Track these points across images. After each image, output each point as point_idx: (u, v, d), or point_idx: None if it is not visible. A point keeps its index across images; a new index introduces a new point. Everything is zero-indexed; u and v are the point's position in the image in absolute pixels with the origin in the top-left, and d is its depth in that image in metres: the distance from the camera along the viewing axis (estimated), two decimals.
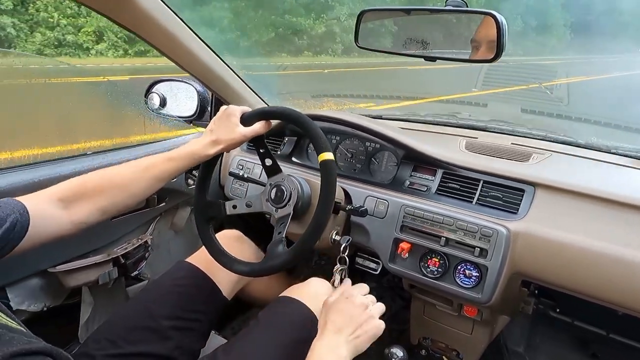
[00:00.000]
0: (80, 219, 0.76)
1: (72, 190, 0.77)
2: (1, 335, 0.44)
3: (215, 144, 0.92)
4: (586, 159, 1.12)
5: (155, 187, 0.87)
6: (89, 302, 1.18)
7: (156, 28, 1.05)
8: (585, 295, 0.90)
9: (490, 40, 0.90)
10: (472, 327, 1.16)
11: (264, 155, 0.99)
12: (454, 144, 1.19)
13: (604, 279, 0.86)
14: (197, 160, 0.91)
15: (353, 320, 0.79)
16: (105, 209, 0.80)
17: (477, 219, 0.97)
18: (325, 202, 0.87)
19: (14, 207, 0.68)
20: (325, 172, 0.88)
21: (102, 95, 1.43)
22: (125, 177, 0.83)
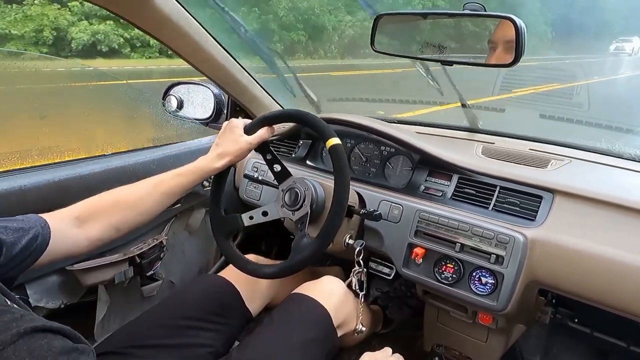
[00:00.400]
0: (95, 236, 0.79)
1: (86, 209, 0.79)
2: (23, 315, 0.46)
3: (222, 157, 0.93)
4: (607, 165, 1.09)
5: (165, 203, 0.89)
6: (105, 300, 1.20)
7: (175, 31, 1.07)
8: (605, 305, 0.88)
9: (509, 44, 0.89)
10: (487, 335, 1.14)
11: (271, 161, 1.00)
12: (470, 149, 1.18)
13: (625, 290, 0.83)
14: (206, 174, 0.93)
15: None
16: (118, 227, 0.82)
17: (493, 225, 0.96)
18: (342, 184, 0.87)
19: (36, 221, 0.71)
20: (335, 156, 0.88)
21: None
22: (135, 195, 0.85)
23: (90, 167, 1.07)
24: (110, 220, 0.80)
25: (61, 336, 0.46)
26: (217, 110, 1.48)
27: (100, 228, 0.79)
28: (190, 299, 0.99)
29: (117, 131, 1.47)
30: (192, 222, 1.42)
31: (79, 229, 0.76)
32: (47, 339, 0.44)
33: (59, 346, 0.44)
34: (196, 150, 1.33)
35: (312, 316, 0.91)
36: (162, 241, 1.27)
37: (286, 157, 1.36)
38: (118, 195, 0.84)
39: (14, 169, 1.00)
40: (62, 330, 0.47)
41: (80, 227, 0.77)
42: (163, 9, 1.00)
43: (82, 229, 0.77)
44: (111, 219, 0.80)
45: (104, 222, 0.80)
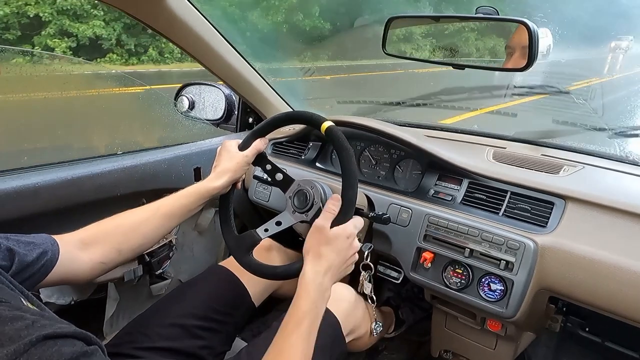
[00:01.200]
0: (98, 259, 0.79)
1: (90, 232, 0.80)
2: (34, 321, 0.46)
3: (221, 175, 0.94)
4: (620, 172, 1.07)
5: (167, 226, 0.89)
6: (115, 298, 1.21)
7: (187, 33, 1.08)
8: (617, 314, 0.86)
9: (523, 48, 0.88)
10: (495, 342, 1.13)
11: (272, 172, 1.00)
12: (481, 153, 1.17)
13: (638, 299, 0.82)
14: (207, 194, 0.92)
15: (345, 263, 0.80)
16: (120, 250, 0.82)
17: (503, 231, 0.95)
18: (348, 160, 0.85)
19: (46, 238, 0.73)
20: (333, 138, 0.88)
21: None
22: (137, 218, 0.86)
23: (102, 166, 1.09)
24: (113, 244, 0.81)
25: (72, 340, 0.47)
26: (228, 111, 1.49)
27: (103, 251, 0.79)
28: (196, 296, 0.99)
29: None
30: (201, 222, 1.43)
31: (83, 251, 0.77)
32: (57, 346, 0.45)
33: (69, 352, 0.45)
34: (207, 151, 1.34)
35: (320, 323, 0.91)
36: (171, 240, 1.28)
37: (295, 159, 1.36)
38: (120, 219, 0.84)
39: (27, 167, 1.01)
40: (73, 334, 0.47)
41: (84, 250, 0.78)
42: (175, 9, 1.01)
43: (86, 252, 0.78)
44: (114, 242, 0.81)
45: (107, 246, 0.80)
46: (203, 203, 0.93)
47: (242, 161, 0.96)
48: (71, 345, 0.46)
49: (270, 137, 1.41)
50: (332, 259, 0.77)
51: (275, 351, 0.70)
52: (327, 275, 0.76)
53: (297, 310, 0.72)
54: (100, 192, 1.08)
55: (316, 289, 0.74)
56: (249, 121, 1.52)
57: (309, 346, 0.71)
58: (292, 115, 0.98)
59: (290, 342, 0.69)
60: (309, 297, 0.73)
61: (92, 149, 1.16)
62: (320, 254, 0.77)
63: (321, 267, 0.76)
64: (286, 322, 0.72)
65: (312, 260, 0.77)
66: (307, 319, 0.71)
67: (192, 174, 1.30)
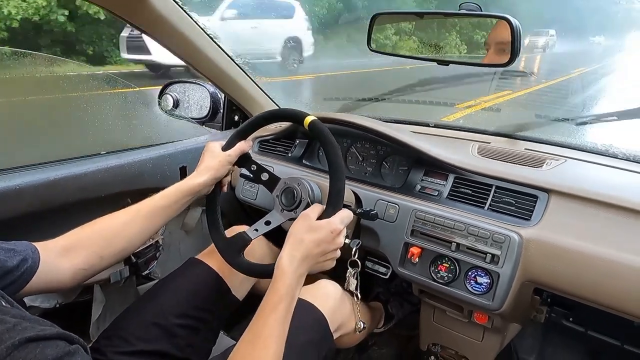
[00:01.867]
0: (79, 265, 0.77)
1: (71, 238, 0.79)
2: (16, 324, 0.46)
3: (203, 173, 0.93)
4: (601, 165, 1.10)
5: (151, 228, 0.88)
6: (101, 300, 1.20)
7: (170, 30, 1.07)
8: (600, 304, 0.88)
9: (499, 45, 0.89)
10: (482, 334, 1.15)
11: (257, 172, 0.99)
12: (466, 148, 1.18)
13: (620, 289, 0.84)
14: (189, 192, 0.91)
15: (324, 255, 0.80)
16: (102, 255, 0.81)
17: (488, 225, 0.96)
18: (334, 153, 0.86)
19: (27, 246, 0.71)
20: (317, 132, 0.88)
21: None
22: (118, 221, 0.84)
23: (86, 167, 1.07)
24: (94, 250, 0.79)
25: (54, 341, 0.46)
26: (213, 109, 1.48)
27: (84, 257, 0.78)
28: (175, 293, 0.98)
29: None
30: (188, 221, 1.41)
31: (63, 258, 0.76)
32: (40, 348, 0.44)
33: (52, 354, 0.45)
34: (192, 149, 1.33)
35: (307, 320, 0.91)
36: (158, 240, 1.27)
37: (282, 156, 1.35)
38: (101, 223, 0.83)
39: (9, 168, 0.99)
40: (56, 336, 0.47)
41: (65, 256, 0.76)
42: (159, 7, 1.00)
43: (67, 258, 0.76)
44: (95, 248, 0.80)
45: (88, 251, 0.79)
46: (186, 202, 0.92)
47: (225, 160, 0.95)
48: (54, 347, 0.45)
49: (256, 135, 1.41)
50: (311, 249, 0.77)
51: (252, 334, 0.70)
52: (303, 262, 0.76)
53: (274, 294, 0.73)
54: (85, 193, 1.07)
55: (292, 274, 0.74)
56: (234, 119, 1.51)
57: (284, 329, 0.72)
58: (274, 113, 0.98)
59: (267, 325, 0.70)
60: (285, 281, 0.74)
61: None
62: (301, 240, 0.78)
63: (298, 253, 0.76)
64: (263, 306, 0.73)
65: (290, 245, 0.78)
66: (283, 303, 0.72)
67: (178, 173, 1.28)
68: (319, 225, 0.80)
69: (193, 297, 0.97)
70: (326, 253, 0.80)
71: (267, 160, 1.34)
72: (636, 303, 0.83)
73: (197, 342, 0.94)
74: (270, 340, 0.69)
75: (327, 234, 0.79)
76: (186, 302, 0.96)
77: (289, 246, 0.78)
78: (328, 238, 0.79)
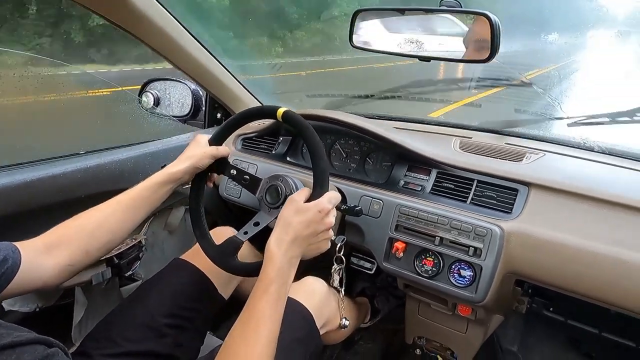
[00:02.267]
0: (64, 262, 0.76)
1: (54, 235, 0.77)
2: None
3: (183, 161, 0.93)
4: (579, 158, 1.13)
5: (133, 219, 0.87)
6: (82, 303, 1.18)
7: (151, 27, 1.05)
8: (579, 294, 0.90)
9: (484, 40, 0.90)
10: (466, 326, 1.17)
11: (238, 176, 0.99)
12: (448, 143, 1.19)
13: (598, 279, 0.86)
14: (168, 179, 0.90)
15: (315, 236, 0.80)
16: (87, 250, 0.79)
17: (471, 219, 0.98)
18: (312, 139, 0.86)
19: (7, 246, 0.69)
20: (291, 121, 0.89)
21: None
22: (100, 214, 0.83)
23: (64, 167, 1.04)
24: (79, 244, 0.78)
25: (31, 346, 0.45)
26: (195, 107, 1.46)
27: (69, 253, 0.76)
28: (161, 293, 0.97)
29: None
30: (171, 221, 1.40)
31: (47, 255, 0.74)
32: (16, 354, 0.43)
33: (30, 358, 0.44)
34: (175, 148, 1.31)
35: (294, 317, 0.91)
36: (140, 241, 1.25)
37: (266, 154, 1.35)
38: (84, 218, 0.81)
39: None
40: (33, 340, 0.46)
41: (48, 254, 0.74)
42: (138, 4, 0.98)
43: (51, 256, 0.74)
44: (79, 242, 0.78)
45: (72, 247, 0.77)
46: (167, 190, 0.91)
47: (208, 151, 0.95)
48: (32, 352, 0.45)
49: (239, 133, 1.40)
50: (300, 230, 0.77)
51: (245, 317, 0.71)
52: (293, 245, 0.76)
53: (264, 277, 0.74)
54: (63, 194, 1.04)
55: (282, 256, 0.75)
56: (217, 116, 1.50)
57: (277, 311, 0.73)
58: (245, 113, 0.98)
59: (258, 307, 0.71)
60: (274, 264, 0.74)
61: None
62: (289, 222, 0.78)
63: (287, 236, 0.77)
64: (254, 290, 0.73)
65: (279, 229, 0.78)
66: (274, 285, 0.73)
67: None
68: (307, 206, 0.80)
69: (179, 296, 0.97)
70: (317, 234, 0.80)
71: (251, 158, 1.33)
72: (614, 292, 0.85)
73: (185, 341, 0.94)
74: (261, 322, 0.70)
75: (315, 214, 0.79)
76: (173, 302, 0.95)
77: (278, 230, 0.78)
78: (317, 218, 0.79)
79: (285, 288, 0.75)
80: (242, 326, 0.71)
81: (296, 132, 0.89)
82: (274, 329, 0.71)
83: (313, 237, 0.79)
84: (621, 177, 1.04)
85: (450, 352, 1.26)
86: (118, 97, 1.31)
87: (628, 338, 1.12)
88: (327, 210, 0.81)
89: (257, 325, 0.70)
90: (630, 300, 0.84)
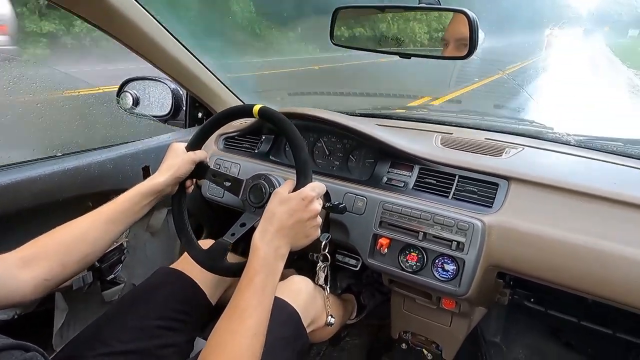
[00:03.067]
0: (41, 277, 0.73)
1: (30, 249, 0.75)
2: None
3: (164, 172, 0.92)
4: (556, 152, 1.15)
5: (113, 232, 0.85)
6: (63, 308, 1.15)
7: (126, 25, 1.03)
8: (558, 284, 0.93)
9: (463, 37, 0.91)
10: (450, 319, 1.18)
11: (219, 178, 0.98)
12: (430, 139, 1.21)
13: (575, 269, 0.89)
14: (151, 192, 0.89)
15: (300, 224, 0.79)
16: (65, 263, 0.77)
17: (453, 213, 0.99)
18: (292, 133, 0.86)
19: None
20: (268, 117, 0.89)
21: None
22: (79, 227, 0.81)
23: (40, 170, 1.02)
24: (56, 259, 0.75)
25: (7, 352, 0.44)
26: (176, 107, 1.44)
27: (46, 267, 0.74)
28: (150, 298, 0.96)
29: None
30: (153, 223, 1.38)
31: (23, 270, 0.72)
32: None
33: None
34: (155, 148, 1.29)
35: (281, 316, 0.91)
36: (122, 244, 1.23)
37: (249, 153, 1.34)
38: (61, 231, 0.79)
39: None
40: (9, 346, 0.45)
41: (24, 268, 0.72)
42: (114, 1, 0.96)
43: (27, 270, 0.72)
44: (57, 256, 0.76)
45: (50, 261, 0.75)
46: (149, 203, 0.89)
47: (188, 158, 0.94)
48: (8, 357, 0.44)
49: (221, 132, 1.39)
50: (284, 220, 0.77)
51: (230, 309, 0.71)
52: (277, 234, 0.76)
53: (250, 269, 0.73)
54: (41, 198, 1.02)
55: (266, 247, 0.75)
56: (198, 116, 1.48)
57: (263, 301, 0.72)
58: (221, 115, 0.98)
59: (244, 298, 0.71)
60: (259, 255, 0.74)
61: None
62: (273, 213, 0.78)
63: (271, 227, 0.76)
64: (239, 282, 0.73)
65: (263, 221, 0.78)
66: (260, 275, 0.72)
67: (141, 173, 1.25)
68: (289, 196, 0.80)
69: (169, 302, 0.96)
70: (304, 222, 0.79)
71: (234, 158, 1.32)
72: (591, 281, 0.88)
73: (176, 342, 0.93)
74: (246, 313, 0.69)
75: (299, 201, 0.79)
76: (163, 307, 0.95)
77: (262, 222, 0.78)
78: (300, 206, 0.79)
79: (273, 279, 0.74)
80: (228, 318, 0.70)
81: (275, 127, 0.89)
82: (261, 321, 0.71)
83: (299, 225, 0.79)
84: (596, 170, 1.07)
85: (435, 346, 1.28)
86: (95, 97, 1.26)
87: (605, 325, 1.16)
88: (311, 198, 0.80)
89: (242, 317, 0.69)
90: (607, 288, 0.87)
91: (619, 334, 1.15)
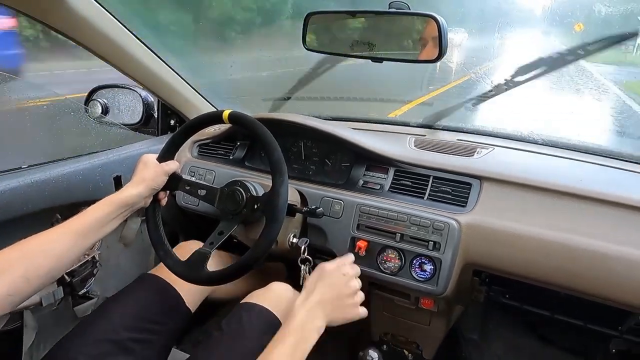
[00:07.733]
0: (4, 291, 0.69)
1: None
2: None
3: (137, 183, 0.90)
4: (525, 151, 1.19)
5: (83, 245, 0.81)
6: (32, 327, 1.10)
7: (93, 32, 1.00)
8: (531, 279, 0.95)
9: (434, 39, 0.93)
10: (429, 318, 1.20)
11: (193, 189, 0.97)
12: (404, 142, 1.22)
13: (546, 264, 0.91)
14: (122, 204, 0.86)
15: (340, 300, 0.82)
16: (29, 277, 0.72)
17: (429, 214, 1.00)
18: (264, 136, 0.87)
19: None
20: (239, 121, 0.90)
21: None
22: (46, 239, 0.77)
23: (4, 183, 0.97)
24: (19, 272, 0.71)
25: None
26: (147, 115, 1.41)
27: (9, 282, 0.70)
28: (125, 308, 0.93)
29: None
30: (126, 234, 1.34)
31: None
32: None
33: None
34: (127, 157, 1.26)
35: (263, 324, 0.90)
36: (94, 256, 1.19)
37: (224, 159, 1.32)
38: (25, 243, 0.75)
39: None
40: None
41: None
42: (78, 8, 0.94)
43: None
44: (19, 270, 0.72)
45: (12, 275, 0.71)
46: (122, 215, 0.86)
47: (160, 170, 0.93)
48: None
49: (195, 139, 1.37)
50: (324, 292, 0.81)
51: None
52: (318, 305, 0.79)
53: (284, 328, 0.75)
54: (6, 212, 0.97)
55: (305, 312, 0.77)
56: (170, 123, 1.45)
57: None
58: (190, 124, 0.98)
59: (272, 356, 0.71)
60: (296, 318, 0.76)
61: None
62: (314, 287, 0.82)
63: (313, 297, 0.79)
64: (272, 341, 0.73)
65: (304, 293, 0.82)
66: (292, 337, 0.73)
67: (112, 184, 1.21)
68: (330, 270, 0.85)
69: (145, 310, 0.94)
70: (343, 298, 0.83)
71: (208, 165, 1.30)
72: (562, 275, 0.91)
73: (148, 356, 0.90)
74: None
75: (339, 276, 0.84)
76: (138, 316, 0.92)
77: (304, 293, 0.82)
78: (341, 280, 0.84)
79: (303, 347, 0.74)
80: None
81: (246, 131, 0.89)
82: None
83: (339, 301, 0.82)
84: (563, 167, 1.11)
85: (415, 346, 1.29)
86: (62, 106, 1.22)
87: (577, 318, 1.20)
88: (350, 276, 0.85)
89: None
90: (576, 281, 0.90)
91: (590, 325, 1.19)
